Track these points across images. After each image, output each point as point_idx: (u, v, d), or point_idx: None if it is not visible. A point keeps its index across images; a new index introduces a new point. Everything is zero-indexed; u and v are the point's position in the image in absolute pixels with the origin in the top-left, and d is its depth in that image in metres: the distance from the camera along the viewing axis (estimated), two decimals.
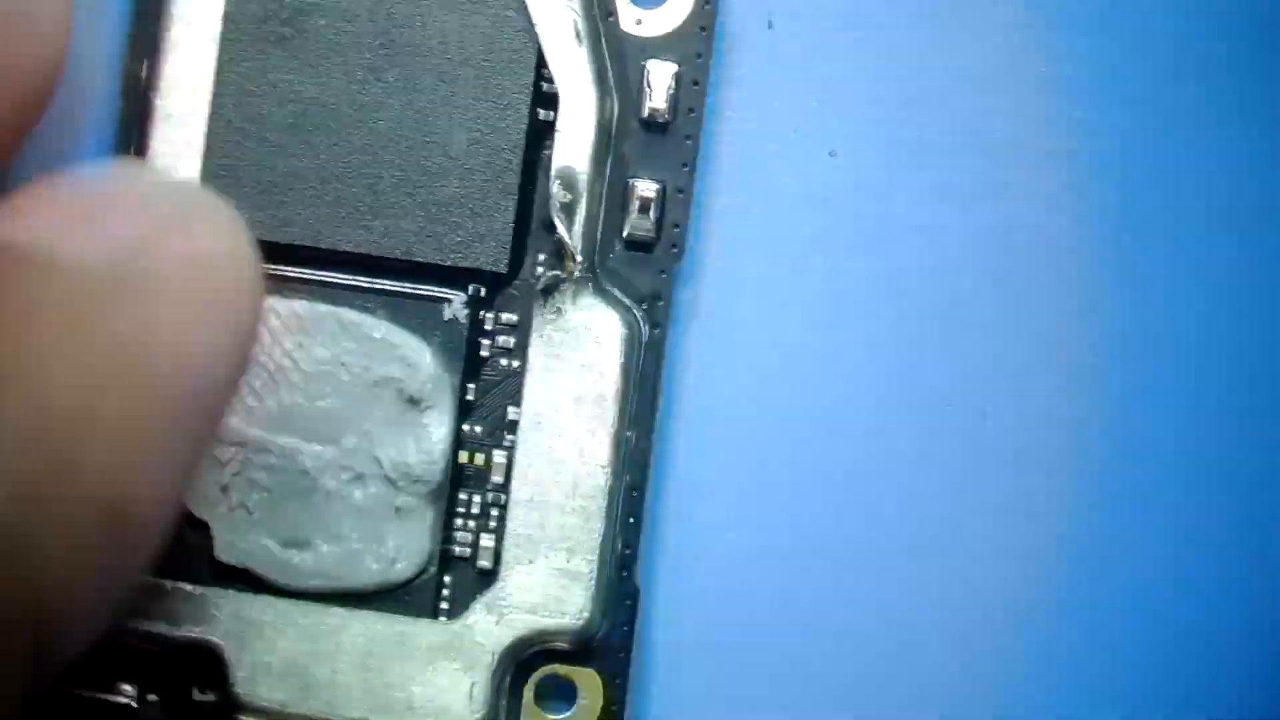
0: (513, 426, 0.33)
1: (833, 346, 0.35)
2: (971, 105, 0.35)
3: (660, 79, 0.33)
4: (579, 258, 0.33)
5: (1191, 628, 0.35)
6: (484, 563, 0.33)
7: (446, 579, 0.34)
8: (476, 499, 0.33)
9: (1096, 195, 0.35)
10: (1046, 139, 0.35)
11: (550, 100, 0.33)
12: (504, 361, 0.33)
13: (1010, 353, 0.35)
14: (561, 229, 0.33)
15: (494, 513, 0.33)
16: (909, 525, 0.34)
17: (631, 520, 0.34)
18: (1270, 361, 0.35)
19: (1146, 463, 0.35)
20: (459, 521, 0.34)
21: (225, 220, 0.29)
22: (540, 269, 0.33)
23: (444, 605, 0.33)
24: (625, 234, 0.33)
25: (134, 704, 0.34)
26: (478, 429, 0.33)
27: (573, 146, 0.33)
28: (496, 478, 0.33)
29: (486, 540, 0.33)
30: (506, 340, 0.33)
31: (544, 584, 0.33)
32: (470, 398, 0.33)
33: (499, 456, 0.33)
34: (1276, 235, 0.35)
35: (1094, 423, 0.35)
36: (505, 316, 0.33)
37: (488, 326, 0.33)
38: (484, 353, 0.33)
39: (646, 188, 0.33)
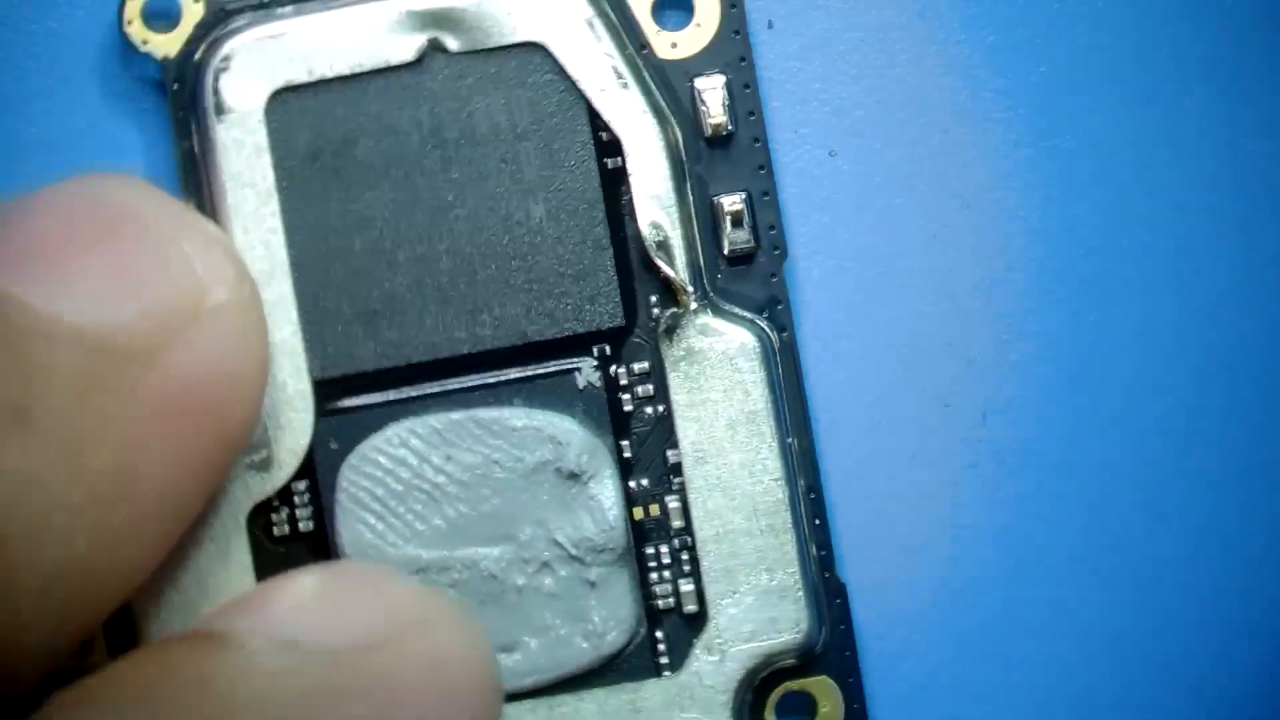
0: (677, 469, 0.33)
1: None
2: (971, 105, 0.34)
3: (712, 94, 0.33)
4: (689, 289, 0.33)
5: None
6: (690, 607, 0.33)
7: (659, 634, 0.33)
8: (664, 549, 0.33)
9: (1097, 196, 0.35)
10: (1046, 139, 0.34)
11: (613, 147, 0.33)
12: (649, 410, 0.33)
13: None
14: (664, 267, 0.33)
15: (685, 556, 0.33)
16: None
17: (818, 522, 0.34)
18: None
19: None
20: (654, 576, 0.33)
21: (461, 623, 0.29)
22: (656, 310, 0.33)
23: (664, 660, 0.33)
24: (726, 251, 0.33)
25: None
26: (644, 482, 0.33)
27: (649, 184, 0.33)
28: (677, 523, 0.33)
29: (686, 585, 0.33)
30: (646, 389, 0.33)
31: (754, 609, 0.33)
32: (628, 455, 0.33)
33: (673, 502, 0.33)
34: None
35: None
36: (637, 366, 0.33)
37: (623, 381, 0.33)
38: (627, 408, 0.33)
39: (733, 202, 0.33)
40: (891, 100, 0.35)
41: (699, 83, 0.33)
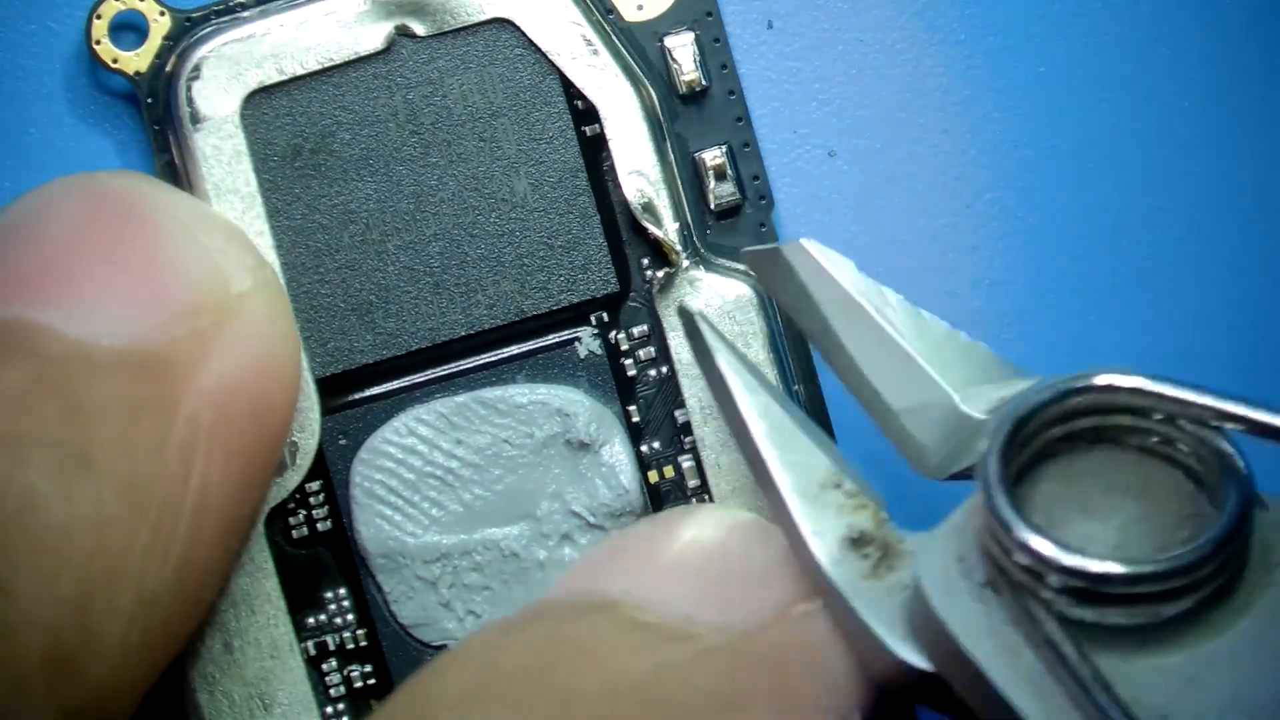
0: (686, 428, 0.33)
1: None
2: (971, 105, 0.35)
3: (683, 51, 0.33)
4: (679, 248, 0.33)
5: None
6: None
7: None
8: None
9: (1097, 196, 0.35)
10: (1046, 139, 0.35)
11: (590, 115, 0.33)
12: (652, 372, 0.33)
13: None
14: (652, 228, 0.33)
15: None
16: None
17: None
18: None
19: None
20: None
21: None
22: (648, 272, 0.33)
23: None
24: (713, 206, 0.33)
25: None
26: (655, 444, 0.33)
27: (629, 147, 0.33)
28: (693, 481, 0.33)
29: None
30: (647, 351, 0.33)
31: None
32: (636, 419, 0.33)
33: (686, 461, 0.33)
34: None
35: None
36: (636, 330, 0.33)
37: (624, 347, 0.33)
38: (631, 373, 0.33)
39: (714, 156, 0.33)
40: (891, 100, 0.35)
41: (668, 41, 0.33)
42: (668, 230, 0.33)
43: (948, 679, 0.27)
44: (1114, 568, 0.26)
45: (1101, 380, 0.28)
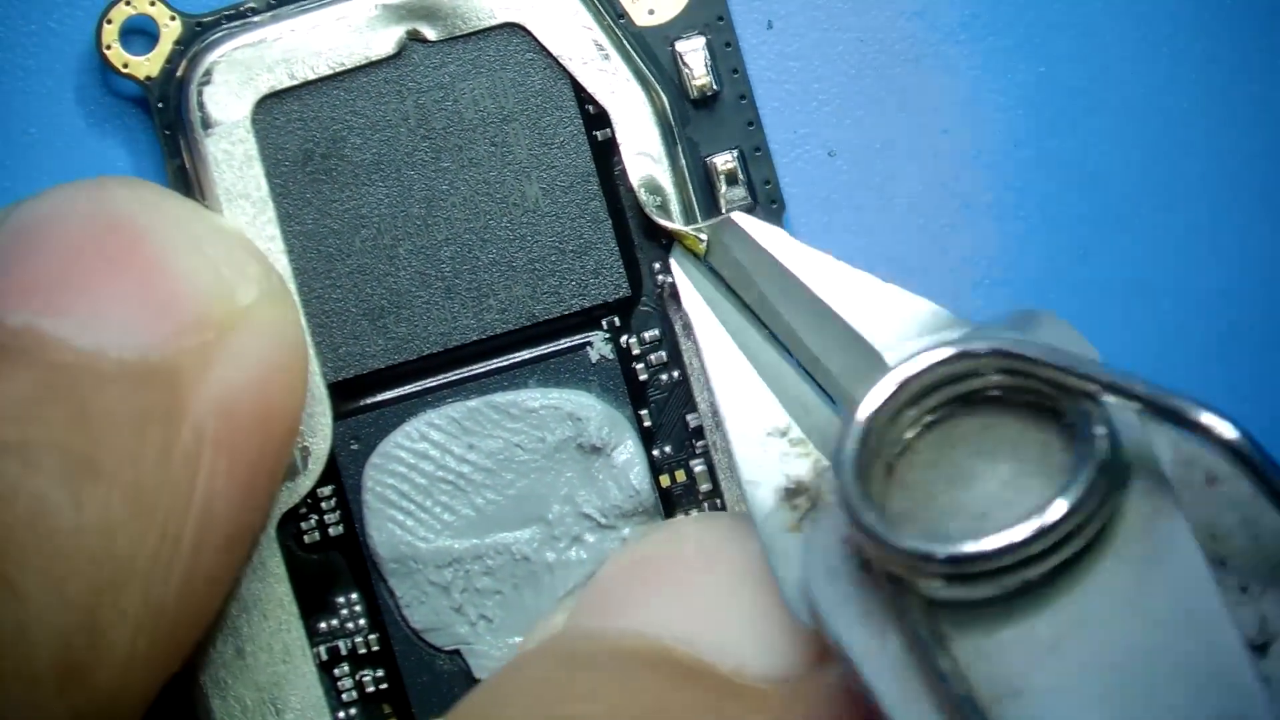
0: (698, 433, 0.33)
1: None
2: (971, 105, 0.35)
3: (694, 55, 0.33)
4: (704, 236, 0.33)
5: None
6: None
7: None
8: (694, 514, 0.33)
9: (1096, 196, 0.35)
10: (1045, 139, 0.35)
11: (601, 119, 0.33)
12: (664, 377, 0.33)
13: None
14: (667, 223, 0.32)
15: None
16: None
17: None
18: None
19: None
20: None
21: None
22: (660, 277, 0.33)
23: None
24: (725, 211, 0.33)
25: None
26: (667, 449, 0.33)
27: (640, 152, 0.33)
28: (704, 486, 0.33)
29: None
30: (659, 356, 0.33)
31: None
32: (648, 423, 0.33)
33: (698, 465, 0.33)
34: None
35: None
36: (648, 334, 0.33)
37: (636, 351, 0.33)
38: (642, 377, 0.33)
39: (725, 160, 0.33)
40: (891, 100, 0.35)
41: (680, 46, 0.33)
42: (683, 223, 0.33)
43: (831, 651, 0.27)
44: (957, 548, 0.26)
45: (955, 350, 0.27)
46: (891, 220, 0.35)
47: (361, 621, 0.33)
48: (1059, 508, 0.26)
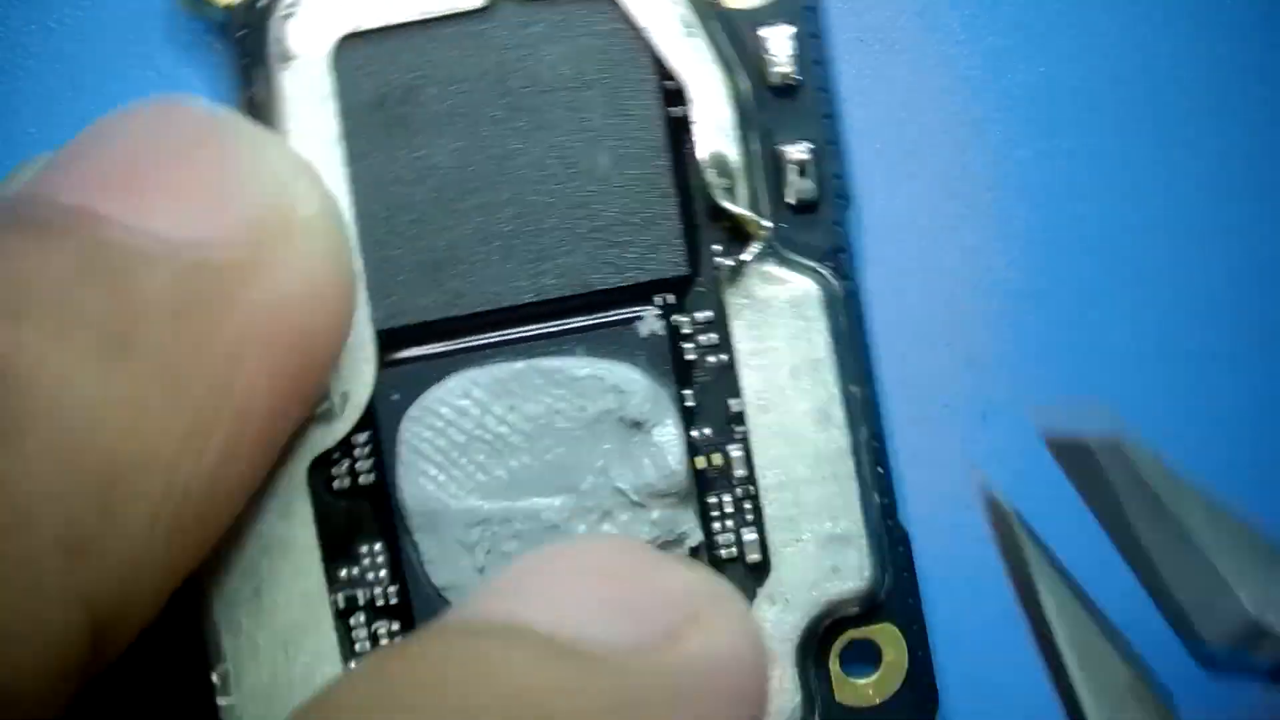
0: (739, 418, 0.33)
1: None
2: (971, 105, 0.35)
3: (779, 44, 0.33)
4: (765, 223, 0.33)
5: None
6: (753, 556, 0.33)
7: None
8: (727, 498, 0.33)
9: (1098, 195, 0.35)
10: (1045, 139, 0.35)
11: (677, 96, 0.33)
12: (711, 359, 0.33)
13: None
14: (733, 207, 0.33)
15: (747, 505, 0.33)
16: None
17: (880, 470, 0.34)
18: None
19: None
20: (717, 525, 0.33)
21: (741, 614, 0.29)
22: (718, 259, 0.33)
23: None
24: (792, 201, 0.33)
25: None
26: (707, 431, 0.33)
27: (713, 133, 0.33)
28: (740, 471, 0.33)
29: (749, 534, 0.33)
30: (709, 337, 0.33)
31: (817, 556, 0.33)
32: (690, 404, 0.33)
33: (735, 450, 0.33)
34: None
35: None
36: (700, 315, 0.33)
37: (686, 330, 0.33)
38: (690, 356, 0.33)
39: (798, 151, 0.33)
40: (890, 100, 0.35)
41: (765, 32, 0.33)
42: (749, 209, 0.33)
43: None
44: None
45: None
46: (891, 221, 0.35)
47: (383, 573, 0.33)
48: None
